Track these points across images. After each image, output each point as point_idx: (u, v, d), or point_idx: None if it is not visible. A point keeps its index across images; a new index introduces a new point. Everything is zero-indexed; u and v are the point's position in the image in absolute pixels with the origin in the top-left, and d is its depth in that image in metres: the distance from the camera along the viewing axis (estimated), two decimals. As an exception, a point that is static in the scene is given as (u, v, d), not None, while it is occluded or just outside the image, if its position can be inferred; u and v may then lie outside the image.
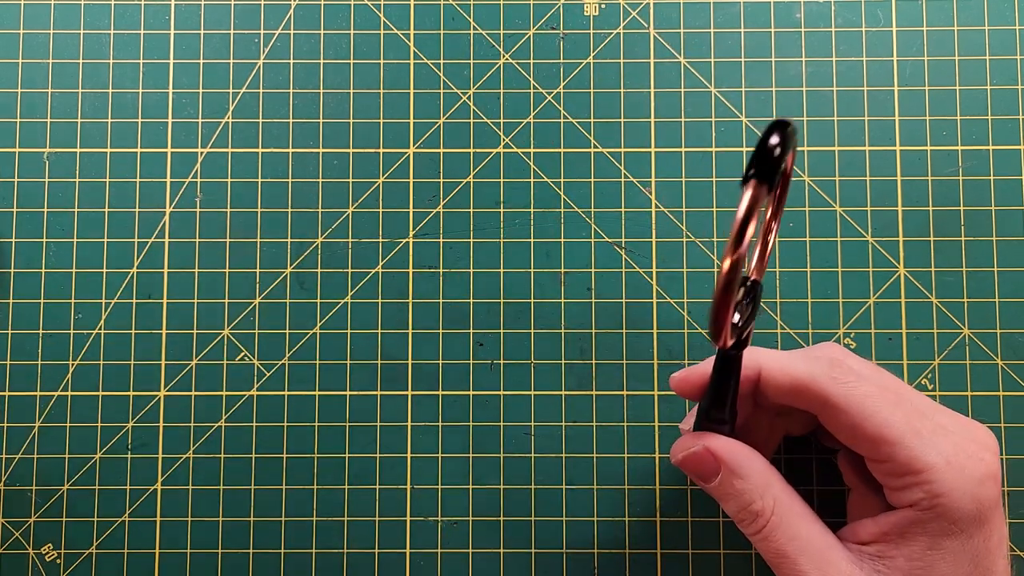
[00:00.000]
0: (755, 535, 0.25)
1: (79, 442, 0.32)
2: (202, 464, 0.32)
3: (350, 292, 0.33)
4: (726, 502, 0.26)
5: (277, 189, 0.33)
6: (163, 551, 0.32)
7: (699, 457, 0.26)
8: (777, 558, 0.25)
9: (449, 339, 0.33)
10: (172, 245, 0.33)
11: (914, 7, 0.33)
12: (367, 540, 0.32)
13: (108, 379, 0.32)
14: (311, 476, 0.32)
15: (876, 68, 0.33)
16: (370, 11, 0.34)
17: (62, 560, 0.32)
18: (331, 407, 0.32)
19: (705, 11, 0.33)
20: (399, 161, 0.33)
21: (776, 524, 0.25)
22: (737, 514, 0.26)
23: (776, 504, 0.25)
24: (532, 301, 0.33)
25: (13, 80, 0.33)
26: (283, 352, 0.33)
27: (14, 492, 0.32)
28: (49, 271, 0.33)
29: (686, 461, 0.26)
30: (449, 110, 0.33)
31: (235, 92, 0.33)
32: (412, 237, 0.33)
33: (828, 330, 0.32)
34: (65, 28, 0.34)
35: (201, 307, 0.33)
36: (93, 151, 0.33)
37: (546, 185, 0.33)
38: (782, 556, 0.25)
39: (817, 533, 0.25)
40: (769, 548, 0.25)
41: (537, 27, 0.34)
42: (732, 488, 0.25)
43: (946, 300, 0.32)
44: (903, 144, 0.33)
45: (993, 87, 0.33)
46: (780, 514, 0.25)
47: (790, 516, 0.25)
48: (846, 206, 0.33)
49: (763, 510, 0.25)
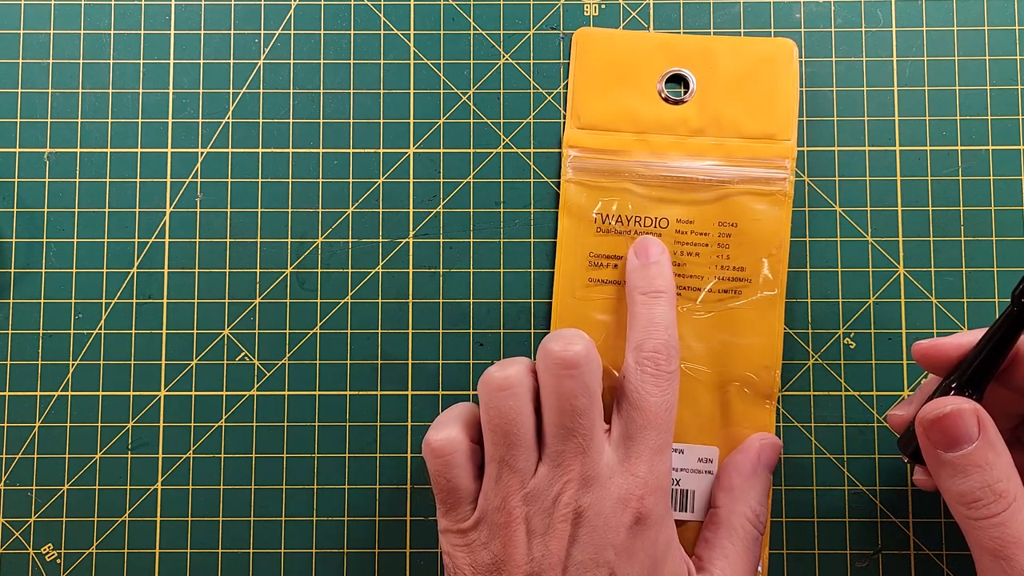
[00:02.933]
0: (988, 519, 0.23)
1: (79, 442, 0.32)
2: (202, 464, 0.32)
3: (350, 292, 0.33)
4: (965, 476, 0.24)
5: (277, 189, 0.33)
6: (163, 551, 0.32)
7: (963, 417, 0.24)
8: (1009, 547, 0.23)
9: (449, 339, 0.33)
10: (172, 245, 0.33)
11: (914, 7, 0.33)
12: (367, 540, 0.32)
13: (108, 379, 0.32)
14: (311, 476, 0.32)
15: (876, 68, 0.33)
16: (370, 11, 0.34)
17: (62, 560, 0.32)
18: (331, 407, 0.32)
19: (705, 11, 0.33)
20: (399, 161, 0.33)
21: (1017, 509, 0.23)
22: (974, 491, 0.23)
23: (1018, 489, 0.23)
24: (532, 301, 0.33)
25: (13, 80, 0.33)
26: (283, 352, 0.33)
27: (14, 492, 0.32)
28: (49, 271, 0.33)
29: (946, 420, 0.24)
30: (449, 110, 0.33)
31: (235, 92, 0.33)
32: (412, 237, 0.33)
33: (828, 330, 0.32)
34: (65, 28, 0.34)
35: (201, 307, 0.33)
36: (93, 151, 0.33)
37: (546, 185, 0.33)
38: (1014, 544, 0.23)
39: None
40: (1004, 534, 0.23)
41: (537, 27, 0.34)
42: (984, 460, 0.23)
43: (946, 300, 0.32)
44: (903, 144, 0.33)
45: (993, 87, 0.33)
46: (1021, 500, 0.23)
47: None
48: (846, 206, 0.33)
49: (1007, 491, 0.23)
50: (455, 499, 0.27)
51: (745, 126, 0.32)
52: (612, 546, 0.26)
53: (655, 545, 0.26)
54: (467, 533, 0.27)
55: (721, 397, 0.31)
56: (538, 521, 0.26)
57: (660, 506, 0.27)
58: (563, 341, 0.27)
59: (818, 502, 0.32)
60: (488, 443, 0.27)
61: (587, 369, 0.27)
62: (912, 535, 0.32)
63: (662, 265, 0.30)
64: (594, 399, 0.27)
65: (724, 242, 0.32)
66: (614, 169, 0.32)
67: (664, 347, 0.28)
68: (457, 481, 0.27)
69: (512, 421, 0.27)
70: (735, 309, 0.31)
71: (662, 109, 0.32)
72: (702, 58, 0.33)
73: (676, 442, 0.31)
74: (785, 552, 0.32)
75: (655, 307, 0.29)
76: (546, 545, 0.26)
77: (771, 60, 0.32)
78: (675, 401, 0.28)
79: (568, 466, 0.26)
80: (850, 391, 0.32)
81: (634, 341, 0.29)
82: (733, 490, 0.30)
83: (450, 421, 0.28)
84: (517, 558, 0.26)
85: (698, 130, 0.32)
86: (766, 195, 0.32)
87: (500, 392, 0.27)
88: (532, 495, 0.26)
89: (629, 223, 0.32)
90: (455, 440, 0.27)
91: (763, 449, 0.30)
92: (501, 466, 0.27)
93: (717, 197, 0.32)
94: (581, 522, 0.26)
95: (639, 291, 0.30)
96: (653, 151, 0.32)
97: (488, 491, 0.27)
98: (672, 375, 0.28)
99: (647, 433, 0.27)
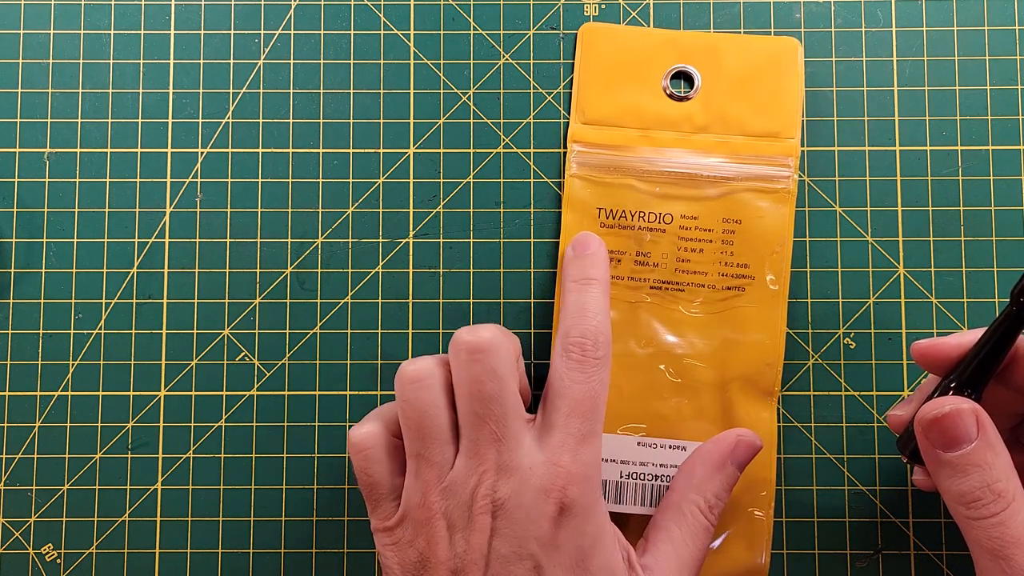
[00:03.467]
0: (987, 518, 0.23)
1: (79, 442, 0.32)
2: (202, 464, 0.32)
3: (350, 292, 0.33)
4: (964, 475, 0.24)
5: (277, 189, 0.33)
6: (163, 551, 0.32)
7: (962, 417, 0.24)
8: (1007, 547, 0.23)
9: (449, 339, 0.33)
10: (172, 245, 0.33)
11: (914, 7, 0.33)
12: (367, 540, 0.32)
13: (108, 379, 0.32)
14: (311, 476, 0.32)
15: (876, 68, 0.33)
16: (370, 11, 0.34)
17: (62, 560, 0.32)
18: (331, 407, 0.32)
19: (705, 11, 0.33)
20: (399, 161, 0.33)
21: (1017, 509, 0.23)
22: (973, 491, 0.23)
23: (1017, 489, 0.23)
24: (532, 301, 0.33)
25: (13, 80, 0.33)
26: (283, 352, 0.33)
27: (14, 492, 0.32)
28: (49, 271, 0.33)
29: (945, 420, 0.24)
30: (449, 110, 0.33)
31: (235, 92, 0.33)
32: (412, 237, 0.33)
33: (828, 330, 0.32)
34: (65, 28, 0.34)
35: (201, 307, 0.33)
36: (93, 151, 0.33)
37: (546, 185, 0.33)
38: (1014, 544, 0.23)
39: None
40: (1003, 534, 0.23)
41: (537, 27, 0.34)
42: (983, 460, 0.23)
43: (946, 300, 0.32)
44: (903, 144, 0.33)
45: (993, 87, 0.33)
46: (1020, 499, 0.23)
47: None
48: (846, 206, 0.33)
49: (1006, 491, 0.23)
50: (377, 495, 0.27)
51: (749, 124, 0.32)
52: (535, 538, 0.25)
53: (582, 536, 0.26)
54: (393, 531, 0.27)
55: (723, 395, 0.31)
56: (458, 515, 0.26)
57: (586, 496, 0.26)
58: (472, 329, 0.27)
59: (818, 502, 0.32)
60: (406, 439, 0.27)
61: (494, 354, 0.26)
62: (912, 535, 0.32)
63: (597, 256, 0.30)
64: (504, 385, 0.26)
65: (728, 239, 0.32)
66: (618, 165, 0.32)
67: (592, 332, 0.27)
68: (377, 476, 0.27)
69: (424, 413, 0.26)
70: (738, 306, 0.31)
71: (667, 105, 0.32)
72: (707, 55, 0.33)
73: (678, 440, 0.31)
74: (785, 552, 0.32)
75: (586, 294, 0.29)
76: (467, 540, 0.25)
77: (776, 58, 0.32)
78: (602, 389, 0.27)
79: (483, 455, 0.26)
80: (850, 391, 0.32)
81: (563, 328, 0.28)
82: (693, 477, 0.29)
83: (373, 417, 0.28)
84: (440, 554, 0.25)
85: (703, 127, 0.32)
86: (770, 193, 0.32)
87: (411, 384, 0.27)
88: (450, 488, 0.26)
89: (633, 219, 0.32)
90: (373, 434, 0.27)
91: (738, 445, 0.29)
92: (419, 461, 0.26)
93: (721, 194, 0.32)
94: (500, 514, 0.25)
95: (571, 279, 0.29)
96: (657, 147, 0.32)
97: (409, 487, 0.27)
98: (599, 362, 0.27)
99: (571, 421, 0.26)
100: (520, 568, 0.25)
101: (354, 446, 0.27)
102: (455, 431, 0.27)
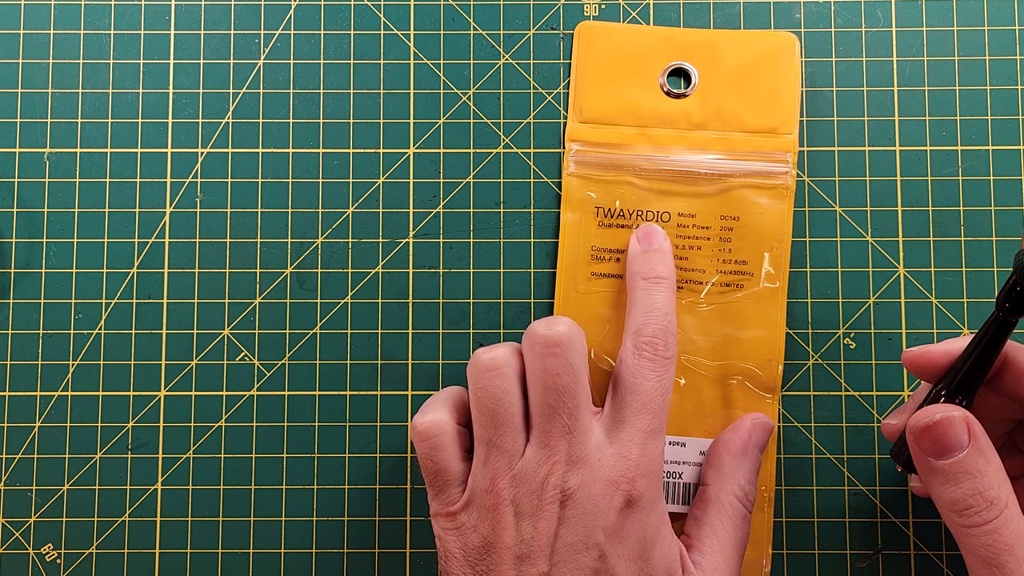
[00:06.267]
0: (979, 526, 0.23)
1: (79, 442, 0.32)
2: (202, 464, 0.32)
3: (350, 292, 0.33)
4: (956, 483, 0.23)
5: (277, 189, 0.33)
6: (163, 551, 0.32)
7: (953, 424, 0.24)
8: (1000, 555, 0.23)
9: (449, 339, 0.33)
10: (172, 245, 0.33)
11: (914, 7, 0.33)
12: (367, 540, 0.32)
13: (108, 379, 0.32)
14: (311, 476, 0.32)
15: (876, 68, 0.33)
16: (370, 11, 0.34)
17: (62, 560, 0.32)
18: (331, 407, 0.32)
19: (705, 11, 0.33)
20: (399, 161, 0.33)
21: (1009, 516, 0.23)
22: (966, 499, 0.23)
23: (1010, 496, 0.23)
24: (532, 301, 0.33)
25: (13, 80, 0.33)
26: (283, 352, 0.33)
27: (14, 492, 0.32)
28: (49, 271, 0.33)
29: (936, 427, 0.24)
30: (449, 110, 0.33)
31: (235, 92, 0.33)
32: (412, 237, 0.33)
33: (828, 330, 0.32)
34: (65, 28, 0.34)
35: (201, 307, 0.33)
36: (93, 151, 0.33)
37: (546, 185, 0.33)
38: (1007, 552, 0.23)
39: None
40: (996, 542, 0.23)
41: (537, 27, 0.34)
42: (974, 467, 0.23)
43: (946, 300, 0.32)
44: (903, 144, 0.33)
45: (993, 87, 0.33)
46: (1012, 507, 0.23)
47: (1018, 510, 0.23)
48: (846, 206, 0.33)
49: (998, 498, 0.23)
50: (443, 481, 0.27)
51: (747, 120, 0.32)
52: (602, 528, 0.26)
53: (645, 528, 0.26)
54: (456, 516, 0.27)
55: (723, 391, 0.31)
56: (526, 502, 0.26)
57: (652, 489, 0.27)
58: (547, 322, 0.28)
59: (818, 502, 0.32)
60: (476, 424, 0.27)
61: (570, 348, 0.27)
62: (912, 535, 0.32)
63: (664, 252, 0.31)
64: (578, 378, 0.27)
65: (726, 236, 0.32)
66: (616, 163, 0.32)
67: (663, 332, 0.28)
68: (444, 464, 0.27)
69: (499, 401, 0.27)
70: (737, 302, 0.31)
71: (664, 103, 0.32)
72: (704, 52, 0.33)
73: (679, 435, 0.31)
74: (785, 552, 0.32)
75: (655, 293, 0.29)
76: (535, 527, 0.26)
77: (773, 54, 0.32)
78: (670, 387, 0.28)
79: (555, 446, 0.26)
80: (850, 391, 0.32)
81: (633, 326, 0.29)
82: (722, 468, 0.29)
83: (437, 404, 0.28)
84: (506, 540, 0.26)
85: (700, 124, 0.32)
86: (768, 189, 0.32)
87: (487, 372, 0.27)
88: (520, 476, 0.26)
89: (631, 217, 0.32)
90: (441, 422, 0.28)
91: (754, 428, 0.30)
92: (489, 447, 0.27)
93: (719, 191, 0.32)
94: (569, 503, 0.26)
95: (640, 276, 0.30)
96: (655, 145, 0.32)
97: (477, 473, 0.27)
98: (669, 361, 0.28)
99: (641, 417, 0.27)
100: (585, 557, 0.26)
101: (420, 434, 0.28)
102: (526, 420, 0.27)
